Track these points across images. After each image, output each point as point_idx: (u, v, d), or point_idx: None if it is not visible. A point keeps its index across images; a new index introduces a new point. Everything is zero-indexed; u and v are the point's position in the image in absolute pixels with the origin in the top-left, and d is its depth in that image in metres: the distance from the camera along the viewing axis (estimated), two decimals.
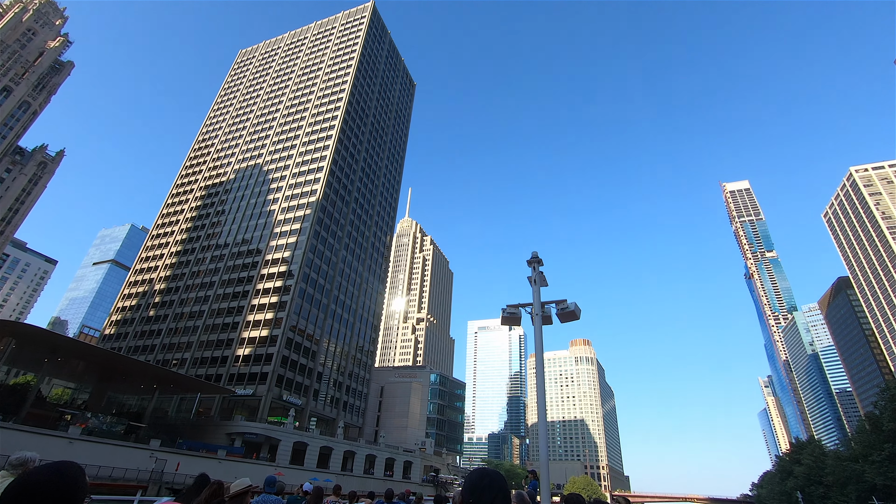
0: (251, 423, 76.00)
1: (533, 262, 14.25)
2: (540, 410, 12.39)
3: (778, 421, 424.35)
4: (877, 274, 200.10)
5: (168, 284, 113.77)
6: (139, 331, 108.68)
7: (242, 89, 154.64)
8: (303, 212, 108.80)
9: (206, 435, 76.63)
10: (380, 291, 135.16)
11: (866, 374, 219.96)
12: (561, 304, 13.49)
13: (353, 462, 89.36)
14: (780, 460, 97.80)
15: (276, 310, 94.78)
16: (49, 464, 2.31)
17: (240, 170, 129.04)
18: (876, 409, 60.83)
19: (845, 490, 63.05)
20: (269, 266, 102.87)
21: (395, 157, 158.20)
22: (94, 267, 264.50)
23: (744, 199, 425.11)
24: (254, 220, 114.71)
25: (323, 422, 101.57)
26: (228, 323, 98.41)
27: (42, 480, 2.17)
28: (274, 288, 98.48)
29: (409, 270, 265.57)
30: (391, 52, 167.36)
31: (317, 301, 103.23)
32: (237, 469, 65.71)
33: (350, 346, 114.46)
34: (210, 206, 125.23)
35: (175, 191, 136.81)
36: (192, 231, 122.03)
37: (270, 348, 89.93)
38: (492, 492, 2.82)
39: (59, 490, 2.18)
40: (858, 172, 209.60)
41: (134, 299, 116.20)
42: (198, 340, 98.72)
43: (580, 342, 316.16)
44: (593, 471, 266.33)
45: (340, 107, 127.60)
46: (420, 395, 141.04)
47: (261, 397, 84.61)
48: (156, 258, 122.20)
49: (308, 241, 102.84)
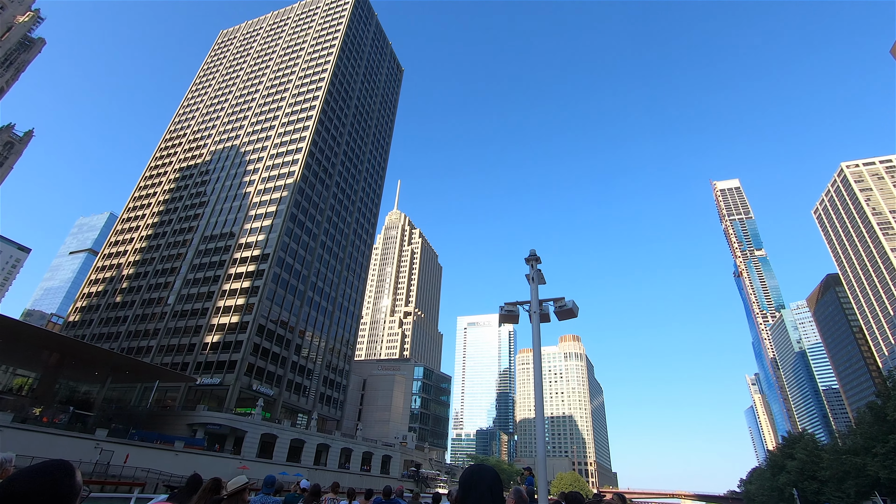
0: (214, 413, 70.99)
1: (531, 260, 14.11)
2: (538, 408, 12.36)
3: (764, 418, 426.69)
4: (866, 270, 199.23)
5: (137, 269, 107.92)
6: (104, 317, 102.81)
7: (222, 70, 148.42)
8: (279, 194, 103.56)
9: (167, 426, 71.48)
10: (363, 281, 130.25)
11: (853, 371, 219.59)
12: (559, 302, 13.35)
13: (328, 456, 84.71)
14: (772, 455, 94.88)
15: (248, 295, 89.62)
16: (34, 467, 2.06)
17: (216, 151, 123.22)
18: (878, 398, 57.74)
19: (843, 485, 59.88)
20: (242, 250, 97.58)
21: (380, 142, 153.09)
22: (71, 256, 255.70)
23: (734, 197, 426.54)
24: (228, 203, 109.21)
25: (296, 413, 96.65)
26: (198, 309, 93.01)
27: (26, 490, 1.93)
28: (246, 272, 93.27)
29: (396, 263, 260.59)
30: (377, 35, 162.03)
31: (292, 287, 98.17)
32: (196, 462, 60.84)
33: (329, 336, 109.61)
34: (184, 188, 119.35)
35: (148, 173, 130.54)
36: (165, 214, 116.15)
37: (241, 335, 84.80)
38: (482, 486, 2.82)
39: (47, 497, 1.97)
40: (849, 168, 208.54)
41: (101, 285, 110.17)
42: (164, 327, 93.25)
43: (569, 338, 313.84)
44: (581, 467, 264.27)
45: (322, 87, 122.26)
46: (403, 389, 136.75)
47: (228, 386, 79.57)
48: (125, 242, 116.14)
49: (284, 224, 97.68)
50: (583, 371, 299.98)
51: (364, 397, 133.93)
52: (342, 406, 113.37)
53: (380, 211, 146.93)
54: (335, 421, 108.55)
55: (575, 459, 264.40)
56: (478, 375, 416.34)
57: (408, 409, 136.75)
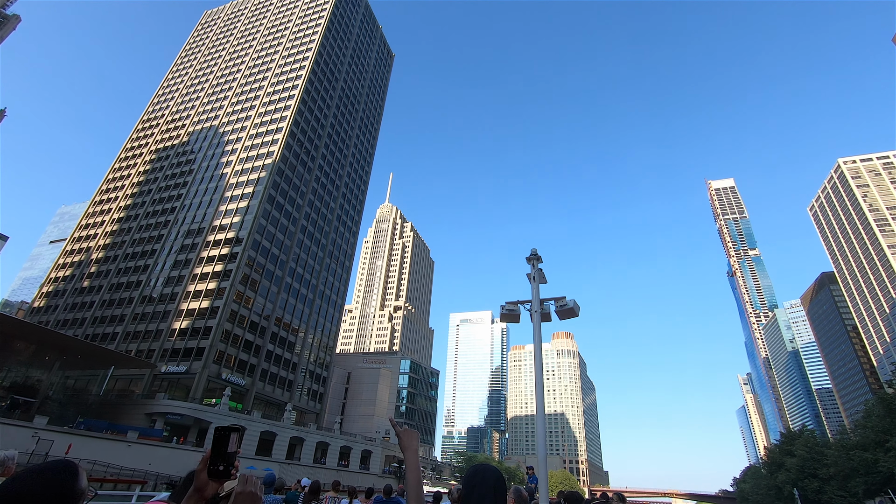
0: (175, 402, 65.91)
1: (532, 259, 14.14)
2: (538, 407, 12.01)
3: (756, 418, 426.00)
4: (862, 267, 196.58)
5: (107, 253, 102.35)
6: (70, 303, 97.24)
7: (204, 50, 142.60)
8: (257, 174, 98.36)
9: (124, 415, 66.40)
10: (347, 270, 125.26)
11: (847, 370, 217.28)
12: (560, 302, 13.23)
13: (302, 450, 79.78)
14: (770, 452, 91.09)
15: (220, 279, 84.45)
16: (37, 466, 1.98)
17: (193, 132, 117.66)
18: (891, 388, 53.76)
19: (849, 483, 55.89)
20: (216, 232, 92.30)
21: (368, 127, 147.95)
22: (52, 245, 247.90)
23: (728, 197, 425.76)
24: (205, 184, 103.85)
25: (272, 405, 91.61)
26: (167, 294, 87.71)
27: (28, 491, 1.86)
28: (219, 256, 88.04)
29: (387, 257, 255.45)
30: (367, 17, 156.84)
31: (269, 273, 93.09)
32: (152, 455, 55.83)
33: (310, 326, 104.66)
34: (159, 170, 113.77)
35: (123, 155, 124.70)
36: (138, 197, 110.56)
37: (210, 321, 79.67)
38: (485, 486, 2.81)
39: (49, 498, 1.89)
40: (846, 164, 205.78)
41: (69, 269, 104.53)
42: (132, 313, 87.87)
43: (562, 335, 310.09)
44: (572, 465, 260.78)
45: (306, 66, 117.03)
46: (389, 383, 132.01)
47: (195, 375, 74.48)
48: (97, 225, 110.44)
49: (261, 205, 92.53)
50: (575, 368, 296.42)
51: (348, 391, 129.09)
52: (323, 399, 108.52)
53: (367, 198, 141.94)
54: (314, 414, 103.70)
55: (566, 458, 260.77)
56: (470, 373, 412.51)
57: (393, 404, 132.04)
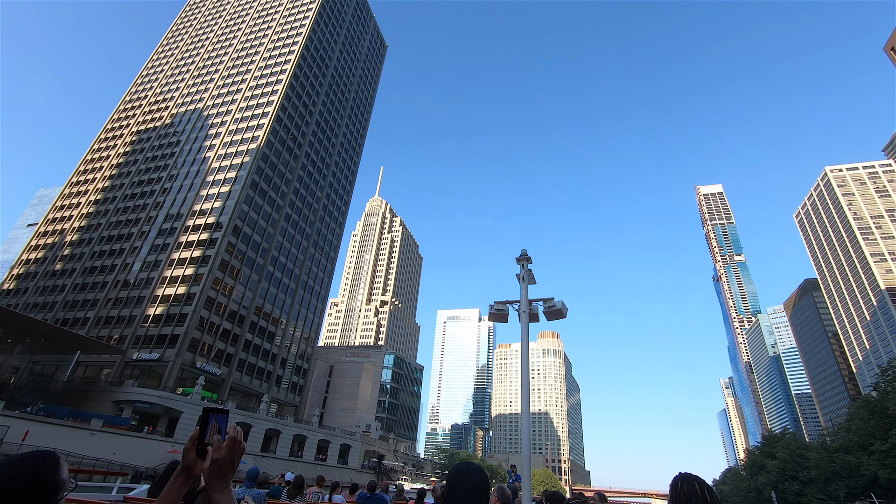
0: (144, 390, 63.27)
1: (522, 260, 14.09)
2: (524, 407, 12.17)
3: (736, 421, 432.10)
4: (844, 275, 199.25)
5: (81, 236, 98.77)
6: (41, 286, 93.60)
7: (192, 31, 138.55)
8: (241, 159, 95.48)
9: (91, 402, 63.59)
10: (332, 261, 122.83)
11: (826, 376, 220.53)
12: (548, 303, 13.21)
13: (278, 443, 77.56)
14: (751, 454, 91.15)
15: (198, 265, 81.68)
16: (17, 458, 1.90)
17: (177, 114, 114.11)
18: (875, 391, 53.44)
19: (830, 486, 55.50)
20: (196, 217, 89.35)
21: (358, 116, 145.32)
22: (29, 229, 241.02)
23: (716, 202, 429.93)
24: (186, 168, 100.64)
25: (249, 397, 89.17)
26: (143, 279, 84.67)
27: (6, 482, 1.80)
28: (198, 241, 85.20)
29: (375, 251, 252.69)
30: (360, 5, 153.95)
31: (250, 260, 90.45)
32: (117, 443, 53.30)
33: (291, 317, 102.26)
34: (140, 151, 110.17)
35: (104, 135, 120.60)
36: (117, 178, 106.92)
37: (186, 307, 76.96)
38: (469, 484, 2.81)
39: (29, 491, 1.81)
40: (833, 172, 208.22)
41: (41, 251, 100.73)
42: (105, 298, 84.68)
43: (548, 334, 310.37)
44: (555, 464, 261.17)
45: (295, 51, 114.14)
46: (372, 377, 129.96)
47: (168, 362, 71.82)
48: (72, 207, 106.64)
49: (243, 191, 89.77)
50: (561, 368, 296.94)
51: (330, 384, 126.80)
52: (303, 391, 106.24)
53: (355, 191, 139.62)
54: (294, 407, 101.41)
55: (549, 456, 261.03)
56: (455, 370, 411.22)
57: (375, 399, 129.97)
